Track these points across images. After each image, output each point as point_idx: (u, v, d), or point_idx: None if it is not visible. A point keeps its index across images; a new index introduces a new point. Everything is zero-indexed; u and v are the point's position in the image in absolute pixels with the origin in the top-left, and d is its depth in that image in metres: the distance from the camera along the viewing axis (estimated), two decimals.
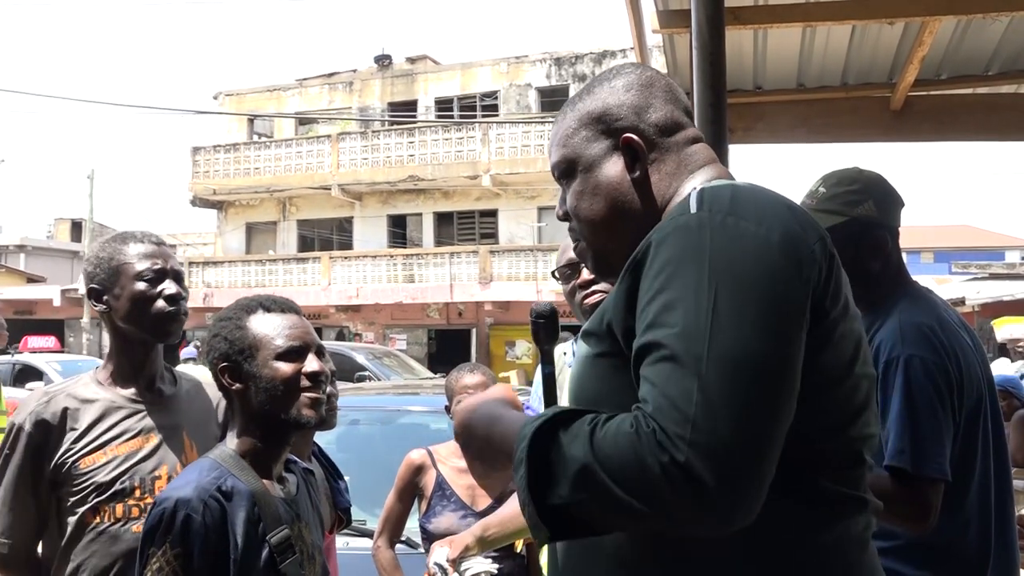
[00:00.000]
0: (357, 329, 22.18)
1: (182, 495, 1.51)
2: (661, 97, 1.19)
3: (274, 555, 1.55)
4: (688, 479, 0.86)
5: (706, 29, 2.05)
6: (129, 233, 1.96)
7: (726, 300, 0.93)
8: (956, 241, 41.64)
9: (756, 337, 0.92)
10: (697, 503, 0.87)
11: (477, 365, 2.84)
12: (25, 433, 1.82)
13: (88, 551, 1.79)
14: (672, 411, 0.89)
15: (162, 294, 1.88)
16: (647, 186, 1.16)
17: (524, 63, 22.01)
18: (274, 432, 1.67)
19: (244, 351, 1.64)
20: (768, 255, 0.96)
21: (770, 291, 0.95)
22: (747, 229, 0.98)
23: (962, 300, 14.99)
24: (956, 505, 1.73)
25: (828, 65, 3.67)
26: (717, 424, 0.88)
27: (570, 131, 1.22)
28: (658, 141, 1.17)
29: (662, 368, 0.93)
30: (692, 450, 0.87)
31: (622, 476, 0.89)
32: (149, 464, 1.85)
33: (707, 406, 0.88)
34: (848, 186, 1.94)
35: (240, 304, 1.73)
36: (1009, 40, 3.37)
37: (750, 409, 0.90)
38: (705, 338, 0.91)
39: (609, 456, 0.91)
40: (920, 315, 1.80)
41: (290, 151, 22.80)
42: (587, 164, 1.19)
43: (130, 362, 1.93)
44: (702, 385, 0.89)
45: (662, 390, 0.91)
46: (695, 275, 0.95)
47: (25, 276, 30.10)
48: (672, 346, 0.93)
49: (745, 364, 0.91)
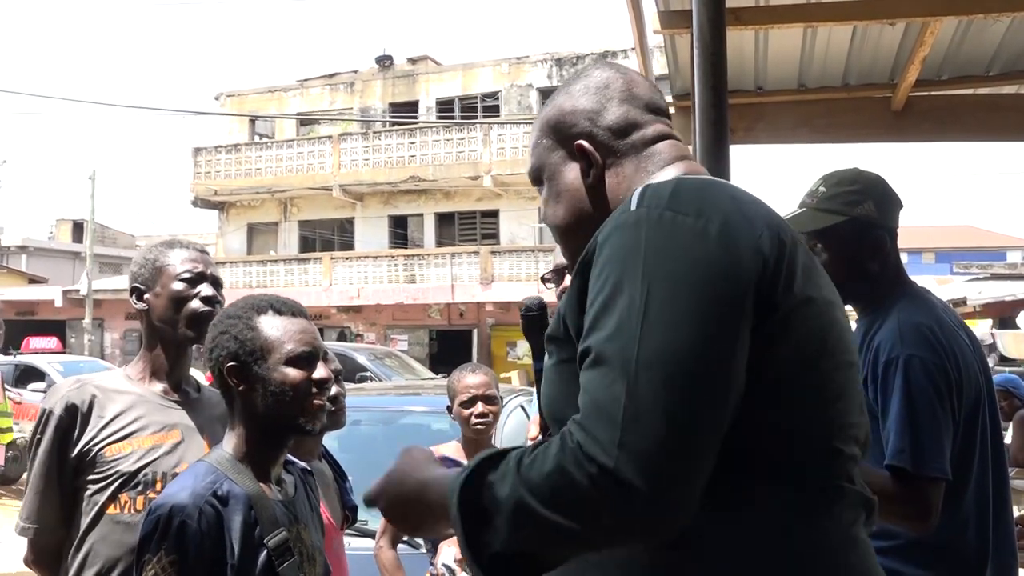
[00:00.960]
0: (358, 330, 22.19)
1: (177, 501, 1.50)
2: (617, 98, 1.18)
3: (272, 558, 1.54)
4: (618, 484, 0.84)
5: (707, 29, 2.05)
6: (176, 240, 2.10)
7: (657, 299, 0.91)
8: (957, 241, 41.62)
9: (688, 336, 0.89)
10: (628, 508, 0.85)
11: (478, 365, 2.85)
12: (55, 417, 1.87)
13: (102, 539, 1.83)
14: (600, 417, 0.88)
15: (199, 295, 1.97)
16: (602, 191, 1.15)
17: (525, 63, 22.01)
18: (275, 435, 1.65)
19: (254, 352, 1.61)
20: (704, 249, 0.94)
21: (705, 288, 0.92)
22: (684, 223, 0.95)
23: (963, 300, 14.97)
24: (955, 504, 1.74)
25: (829, 65, 3.67)
26: (646, 427, 0.86)
27: (536, 140, 1.23)
28: (613, 145, 1.16)
29: (593, 374, 0.91)
30: (620, 453, 0.85)
31: (552, 500, 0.87)
32: (170, 459, 1.88)
33: (635, 409, 0.86)
34: (848, 186, 1.95)
35: (249, 303, 1.69)
36: (1010, 41, 3.37)
37: (680, 410, 0.87)
38: (636, 339, 0.89)
39: (538, 484, 0.89)
40: (919, 315, 1.81)
41: (291, 152, 22.81)
42: (550, 172, 1.21)
43: (161, 361, 2.00)
44: (631, 388, 0.87)
45: (592, 396, 0.90)
46: (629, 274, 0.93)
47: (27, 277, 30.11)
48: (603, 350, 0.91)
49: (675, 364, 0.88)
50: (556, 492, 0.87)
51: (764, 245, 0.97)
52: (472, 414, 2.68)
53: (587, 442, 0.87)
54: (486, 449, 1.01)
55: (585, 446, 0.86)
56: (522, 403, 4.41)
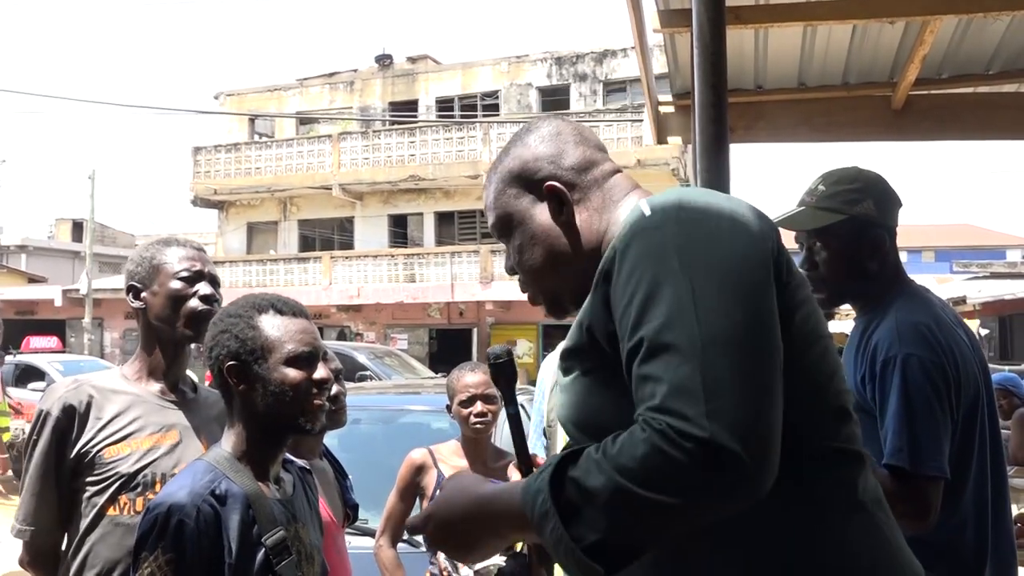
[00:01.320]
0: (358, 329, 22.19)
1: (175, 500, 1.50)
2: (571, 141, 1.28)
3: (270, 557, 1.54)
4: (717, 453, 0.89)
5: (707, 28, 2.05)
6: (172, 238, 2.07)
7: (701, 284, 0.98)
8: (957, 240, 41.61)
9: (739, 312, 0.97)
10: (731, 474, 0.90)
11: (478, 364, 2.85)
12: (52, 418, 1.86)
13: (102, 541, 1.82)
14: (681, 395, 0.92)
15: (196, 294, 1.95)
16: (574, 225, 1.23)
17: (525, 62, 22.01)
18: (274, 435, 1.65)
19: (255, 352, 1.60)
20: (726, 237, 1.03)
21: (738, 268, 1.00)
22: (700, 219, 1.04)
23: (963, 299, 14.98)
24: (954, 503, 1.74)
25: (829, 64, 3.67)
26: (728, 396, 0.91)
27: (498, 192, 1.29)
28: (577, 181, 1.25)
29: (659, 360, 0.95)
30: (712, 423, 0.90)
31: (652, 480, 0.91)
32: (169, 460, 1.87)
33: (713, 382, 0.92)
34: (848, 185, 1.95)
35: (250, 301, 1.68)
36: (1010, 39, 3.37)
37: (753, 375, 0.94)
38: (693, 322, 0.95)
39: (632, 468, 0.92)
40: (917, 314, 1.80)
41: (291, 151, 22.80)
42: (520, 219, 1.26)
43: (158, 361, 1.99)
44: (703, 365, 0.93)
45: (667, 380, 0.94)
46: (665, 268, 1.00)
47: (26, 276, 30.11)
48: (663, 337, 0.96)
49: (736, 338, 0.95)
50: (655, 472, 0.91)
51: (768, 231, 1.07)
52: (471, 413, 2.68)
53: (676, 421, 0.91)
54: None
55: (675, 425, 0.91)
56: (522, 402, 4.41)
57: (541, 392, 2.28)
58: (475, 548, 1.12)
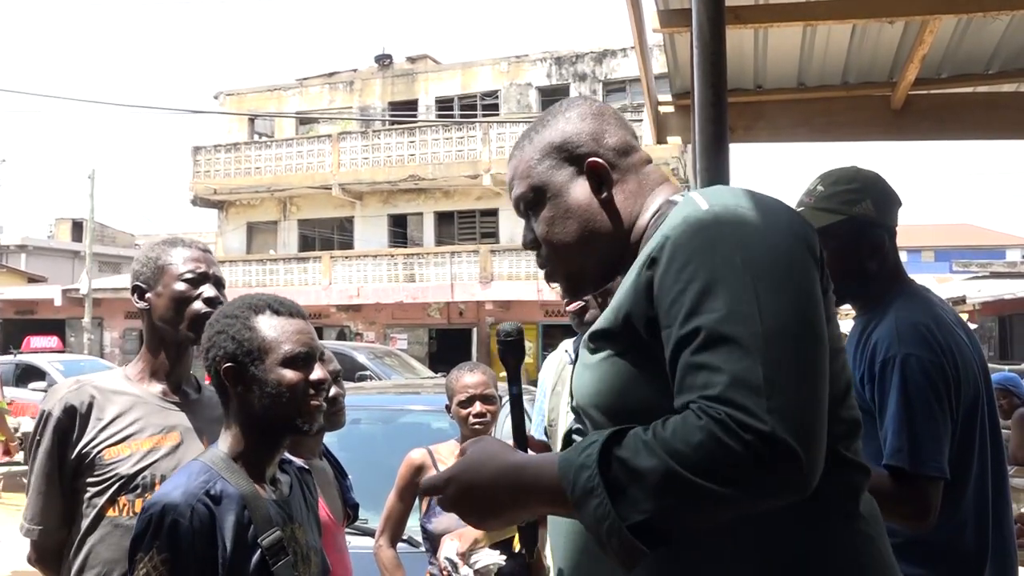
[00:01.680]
0: (358, 329, 22.19)
1: (169, 500, 1.49)
2: (613, 124, 1.28)
3: (266, 558, 1.54)
4: (776, 447, 0.90)
5: (707, 28, 2.05)
6: (178, 238, 2.06)
7: (762, 282, 0.99)
8: (957, 240, 41.63)
9: (797, 312, 0.99)
10: (787, 469, 0.91)
11: (477, 364, 2.85)
12: (54, 418, 1.86)
13: (102, 542, 1.82)
14: (743, 388, 0.93)
15: (200, 296, 1.95)
16: (613, 205, 1.23)
17: (524, 62, 22.01)
18: (271, 436, 1.64)
19: (251, 353, 1.60)
20: (784, 238, 1.04)
21: (794, 269, 1.02)
22: (758, 218, 1.05)
23: (963, 299, 14.99)
24: (954, 502, 1.74)
25: (829, 64, 3.67)
26: (788, 392, 0.93)
27: (533, 162, 1.27)
28: (617, 163, 1.25)
29: (719, 351, 0.96)
30: (773, 418, 0.91)
31: (707, 468, 0.92)
32: (169, 462, 1.87)
33: (774, 378, 0.93)
34: (846, 185, 1.95)
35: (246, 302, 1.68)
36: (1010, 39, 3.37)
37: (808, 377, 0.96)
38: (755, 316, 0.97)
39: (687, 454, 0.92)
40: (916, 314, 1.80)
41: (291, 151, 22.80)
42: (555, 191, 1.25)
43: (161, 362, 1.99)
44: (765, 361, 0.94)
45: (728, 371, 0.95)
46: (723, 262, 1.00)
47: (26, 276, 30.13)
48: (723, 329, 0.97)
49: (795, 337, 0.97)
50: (710, 460, 0.92)
51: (813, 235, 1.10)
52: (470, 414, 2.68)
53: (737, 413, 0.92)
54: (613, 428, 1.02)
55: (736, 416, 0.92)
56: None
57: (542, 391, 2.28)
58: (498, 516, 1.09)
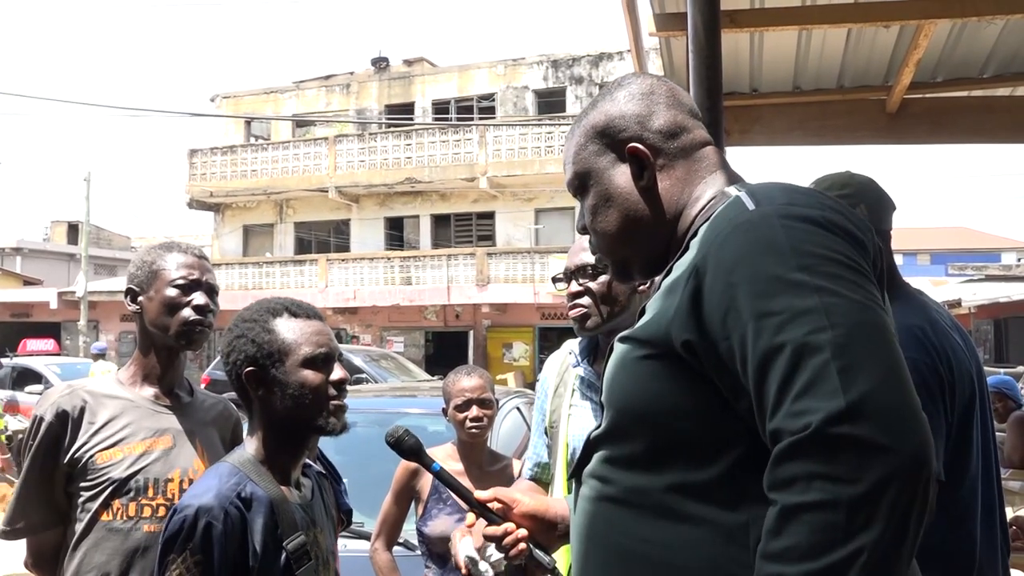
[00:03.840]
0: (354, 331, 22.17)
1: (203, 502, 1.50)
2: (663, 103, 1.20)
3: (291, 561, 1.55)
4: (871, 440, 0.84)
5: (702, 32, 2.06)
6: (174, 243, 2.06)
7: (822, 277, 0.92)
8: (952, 243, 41.72)
9: (863, 304, 0.92)
10: (886, 456, 0.84)
11: (474, 368, 2.84)
12: (46, 423, 1.87)
13: (96, 547, 1.82)
14: (823, 395, 0.86)
15: (191, 303, 1.94)
16: (656, 193, 1.17)
17: (521, 65, 22.02)
18: (295, 438, 1.66)
19: (272, 355, 1.61)
20: (838, 235, 0.97)
21: (852, 264, 0.95)
22: (812, 214, 0.98)
23: (958, 302, 15.02)
24: (948, 505, 1.74)
25: (824, 68, 3.68)
26: (869, 385, 0.87)
27: (579, 147, 1.23)
28: (664, 147, 1.18)
29: (799, 364, 0.89)
30: (854, 412, 0.85)
31: (829, 537, 0.84)
32: (161, 466, 1.87)
33: (852, 374, 0.87)
34: (839, 190, 1.95)
35: (264, 306, 1.69)
36: (1004, 43, 3.38)
37: (889, 362, 0.89)
38: (823, 315, 0.90)
39: (807, 544, 0.85)
40: (911, 316, 1.81)
41: (287, 153, 22.78)
42: (597, 177, 1.20)
43: (153, 365, 1.99)
44: (837, 357, 0.88)
45: (806, 388, 0.88)
46: (779, 262, 0.94)
47: (22, 279, 30.05)
48: (793, 336, 0.90)
49: (867, 328, 0.90)
50: (826, 528, 0.85)
51: (870, 233, 1.03)
52: (467, 418, 2.68)
53: (820, 437, 0.86)
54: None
55: (819, 444, 0.85)
56: (518, 405, 4.41)
57: (543, 391, 2.28)
58: None
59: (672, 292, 1.04)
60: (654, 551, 1.01)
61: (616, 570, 1.05)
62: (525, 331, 20.64)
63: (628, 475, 1.06)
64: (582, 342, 2.17)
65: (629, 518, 1.04)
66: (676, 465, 1.01)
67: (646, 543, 1.02)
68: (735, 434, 0.98)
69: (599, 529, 1.09)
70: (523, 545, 1.44)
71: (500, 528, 1.46)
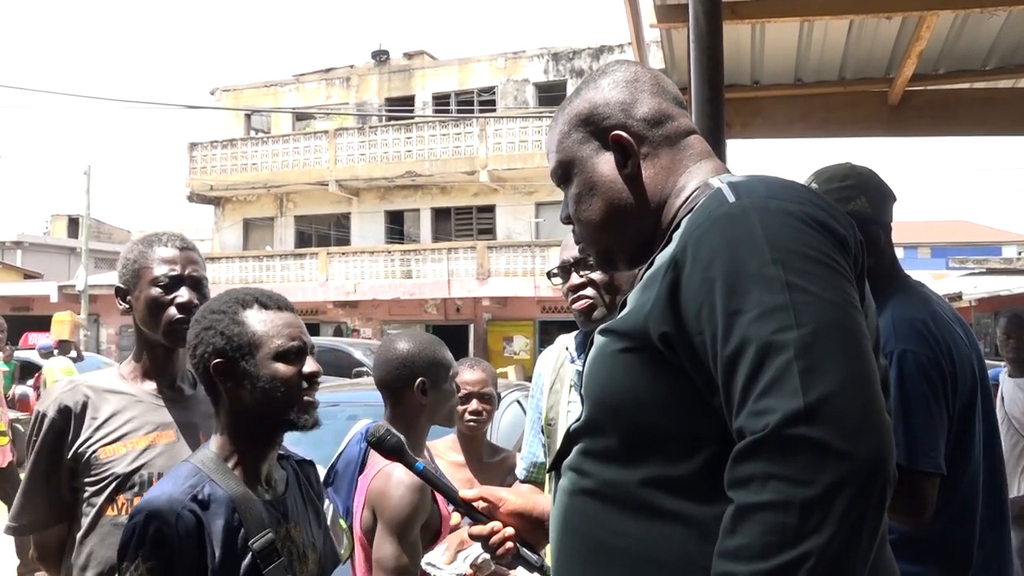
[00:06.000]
0: (355, 325, 22.18)
1: (153, 508, 1.47)
2: (648, 91, 1.19)
3: (257, 561, 1.50)
4: (827, 443, 0.84)
5: (703, 24, 2.05)
6: (156, 236, 2.00)
7: (795, 274, 0.91)
8: (953, 236, 41.70)
9: (835, 303, 0.91)
10: (841, 461, 0.84)
11: (478, 361, 2.84)
12: (49, 419, 1.86)
13: (101, 542, 1.82)
14: (783, 395, 0.86)
15: (174, 301, 1.91)
16: (641, 181, 1.15)
17: (522, 58, 21.97)
18: (264, 433, 1.61)
19: (242, 348, 1.56)
20: (817, 231, 0.96)
21: (829, 262, 0.94)
22: (792, 209, 0.98)
23: (959, 295, 15.01)
24: (950, 498, 1.74)
25: (826, 60, 3.67)
26: (830, 387, 0.86)
27: (562, 135, 1.22)
28: (648, 135, 1.16)
29: (760, 363, 0.88)
30: (812, 413, 0.84)
31: (786, 532, 0.84)
32: (165, 460, 1.86)
33: (813, 375, 0.86)
34: (840, 182, 1.94)
35: (232, 296, 1.64)
36: (1006, 35, 3.37)
37: (854, 364, 0.88)
38: (791, 313, 0.89)
39: (759, 544, 0.85)
40: (912, 309, 1.80)
41: (287, 147, 22.75)
42: (581, 166, 1.19)
43: (151, 360, 1.98)
44: (801, 357, 0.87)
45: (768, 387, 0.87)
46: (754, 258, 0.93)
47: (22, 272, 30.05)
48: (759, 334, 0.89)
49: (835, 328, 0.89)
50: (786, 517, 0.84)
51: (851, 230, 1.02)
52: (466, 411, 2.68)
53: (777, 444, 0.85)
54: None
55: (776, 448, 0.85)
56: (518, 398, 4.41)
57: (539, 388, 2.26)
58: None
59: (651, 284, 1.03)
60: (630, 544, 1.01)
61: (592, 563, 1.05)
62: (526, 325, 20.64)
63: (605, 468, 1.05)
64: (577, 336, 2.15)
65: (605, 511, 1.04)
66: (652, 459, 1.00)
67: (622, 536, 1.01)
68: (711, 429, 0.97)
69: (576, 522, 1.08)
70: (510, 544, 1.43)
71: (486, 527, 1.44)
